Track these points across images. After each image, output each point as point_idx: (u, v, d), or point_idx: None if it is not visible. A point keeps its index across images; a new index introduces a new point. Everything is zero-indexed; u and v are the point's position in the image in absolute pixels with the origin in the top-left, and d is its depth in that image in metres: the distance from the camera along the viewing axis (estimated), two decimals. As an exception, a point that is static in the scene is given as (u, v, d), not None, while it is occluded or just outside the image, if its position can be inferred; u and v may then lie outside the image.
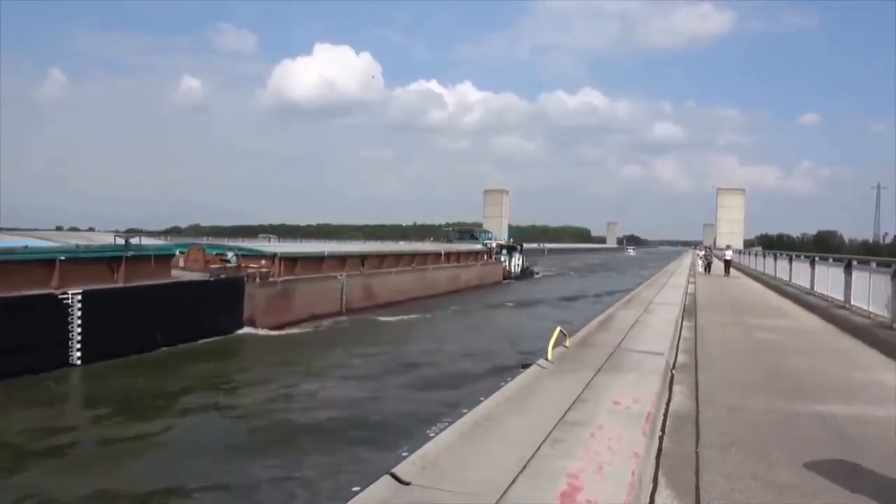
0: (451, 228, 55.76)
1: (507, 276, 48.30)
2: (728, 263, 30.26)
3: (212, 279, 19.08)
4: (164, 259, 18.02)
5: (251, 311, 19.54)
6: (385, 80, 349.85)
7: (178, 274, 18.86)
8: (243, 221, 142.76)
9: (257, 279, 20.42)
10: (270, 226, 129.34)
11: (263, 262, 21.77)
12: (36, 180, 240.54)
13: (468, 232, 54.33)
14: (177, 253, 20.39)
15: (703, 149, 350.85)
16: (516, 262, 51.58)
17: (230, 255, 22.04)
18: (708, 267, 32.13)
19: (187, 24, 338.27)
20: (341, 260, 26.39)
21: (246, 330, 19.22)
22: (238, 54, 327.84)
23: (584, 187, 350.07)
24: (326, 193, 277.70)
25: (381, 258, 30.18)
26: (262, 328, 19.51)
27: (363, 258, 28.50)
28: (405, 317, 24.77)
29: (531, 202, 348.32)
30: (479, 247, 46.93)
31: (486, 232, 55.47)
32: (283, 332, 19.63)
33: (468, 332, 22.49)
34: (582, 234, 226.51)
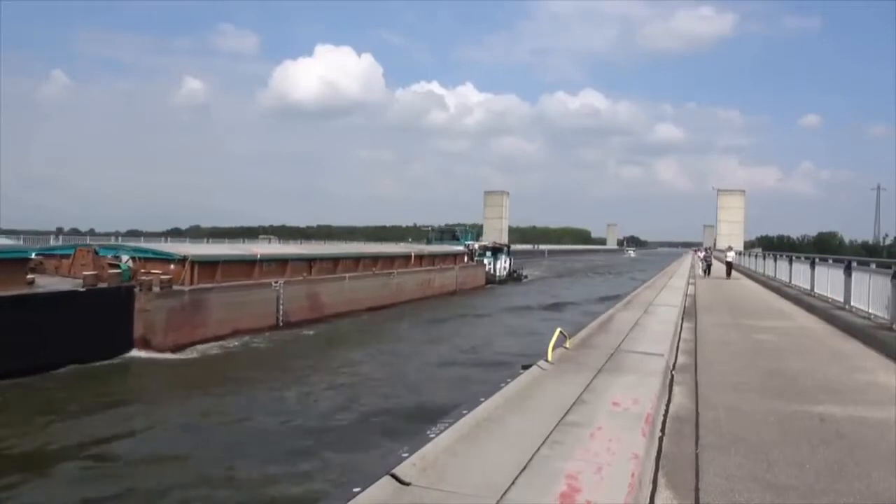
0: (430, 228, 51.54)
1: (492, 280, 44.74)
2: (730, 266, 29.18)
3: (84, 290, 15.51)
4: (14, 264, 14.85)
5: (144, 329, 16.18)
6: (386, 81, 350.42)
7: (47, 282, 15.99)
8: (244, 223, 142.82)
9: (155, 288, 16.90)
10: (271, 227, 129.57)
11: (172, 266, 18.54)
12: (37, 181, 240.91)
13: (449, 232, 49.75)
14: (33, 255, 17.65)
15: (703, 150, 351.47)
16: (502, 265, 48.18)
17: (124, 258, 18.35)
18: (708, 269, 30.66)
19: (188, 25, 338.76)
20: (280, 264, 22.91)
21: (134, 353, 15.97)
22: (239, 55, 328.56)
23: (585, 189, 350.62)
24: (327, 195, 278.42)
25: (335, 262, 26.59)
26: (161, 350, 16.26)
27: (311, 262, 24.92)
28: (353, 330, 21.98)
29: (532, 204, 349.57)
30: (459, 248, 42.82)
31: (469, 232, 51.17)
32: (179, 357, 16.43)
33: (412, 356, 18.32)
34: (582, 236, 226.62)
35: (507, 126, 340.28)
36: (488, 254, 46.96)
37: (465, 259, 42.23)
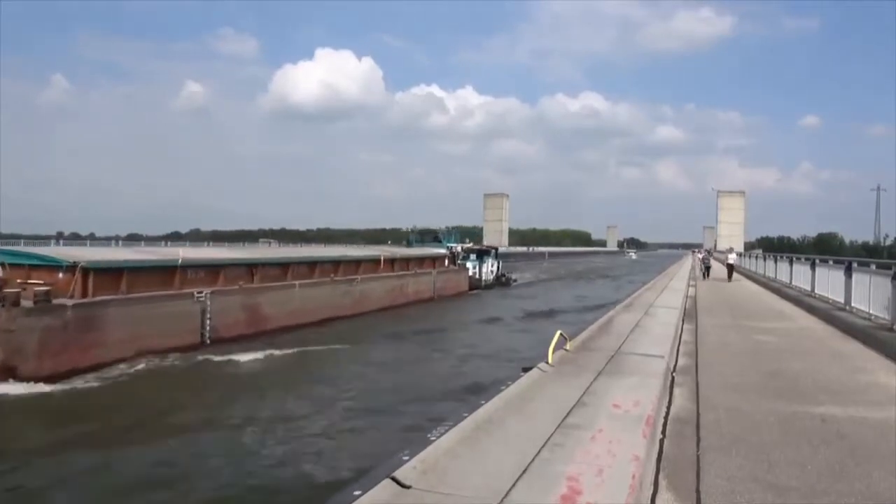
0: (410, 230, 48.00)
1: (476, 285, 41.58)
2: (731, 268, 27.79)
3: None
4: None
5: (6, 355, 13.47)
6: (386, 84, 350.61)
7: None
8: (244, 226, 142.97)
9: (25, 302, 13.93)
10: (271, 230, 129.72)
11: (61, 275, 15.62)
12: (38, 186, 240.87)
13: (431, 233, 46.21)
14: None
15: (703, 151, 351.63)
16: (489, 269, 45.03)
17: None
18: (707, 272, 29.05)
19: (189, 30, 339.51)
20: (211, 271, 19.87)
21: None
22: (239, 59, 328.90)
23: (585, 191, 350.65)
24: (328, 197, 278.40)
25: (283, 268, 23.45)
26: (33, 379, 13.51)
27: (252, 267, 21.79)
28: (288, 351, 18.25)
29: (532, 206, 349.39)
30: (439, 251, 39.49)
31: (452, 233, 47.70)
32: (49, 389, 13.58)
33: (348, 389, 14.94)
34: (582, 238, 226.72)
35: (508, 128, 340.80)
36: (472, 257, 44.11)
37: (447, 263, 38.92)
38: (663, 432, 4.72)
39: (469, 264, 42.35)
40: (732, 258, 28.66)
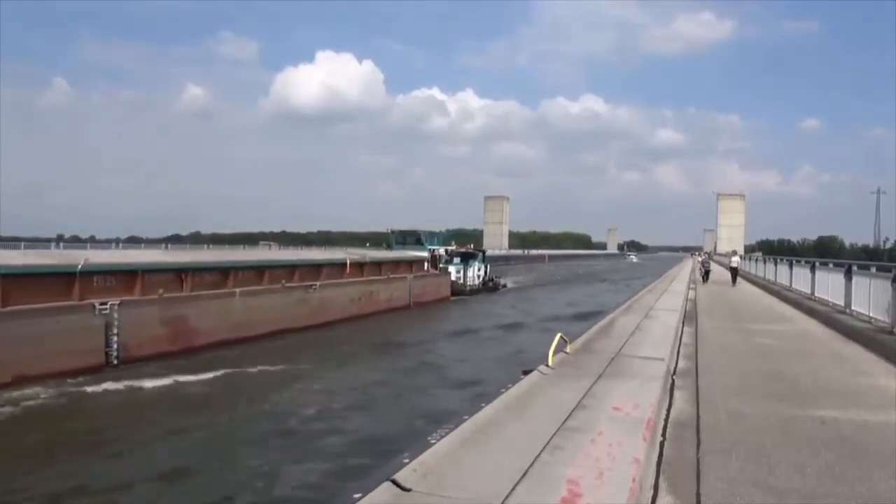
0: (390, 231, 44.03)
1: (460, 290, 38.47)
2: (735, 272, 26.23)
3: None
4: None
5: None
6: (387, 87, 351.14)
7: None
8: (245, 228, 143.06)
9: None
10: (271, 233, 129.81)
11: None
12: (38, 189, 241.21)
13: (413, 235, 42.58)
14: None
15: (703, 154, 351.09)
16: (475, 273, 42.26)
17: None
18: (706, 275, 27.58)
19: (189, 33, 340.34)
20: (125, 277, 16.87)
21: None
22: (240, 62, 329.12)
23: (585, 193, 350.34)
24: (328, 200, 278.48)
25: (223, 273, 20.17)
26: None
27: (182, 273, 18.51)
28: (208, 375, 14.93)
29: (532, 208, 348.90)
30: (419, 254, 36.73)
31: (436, 235, 44.10)
32: None
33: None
34: (582, 241, 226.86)
35: (508, 131, 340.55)
36: (457, 260, 40.90)
37: (427, 267, 35.85)
38: (663, 435, 4.72)
39: (452, 268, 39.45)
40: (736, 261, 27.27)
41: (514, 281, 55.49)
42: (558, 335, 6.83)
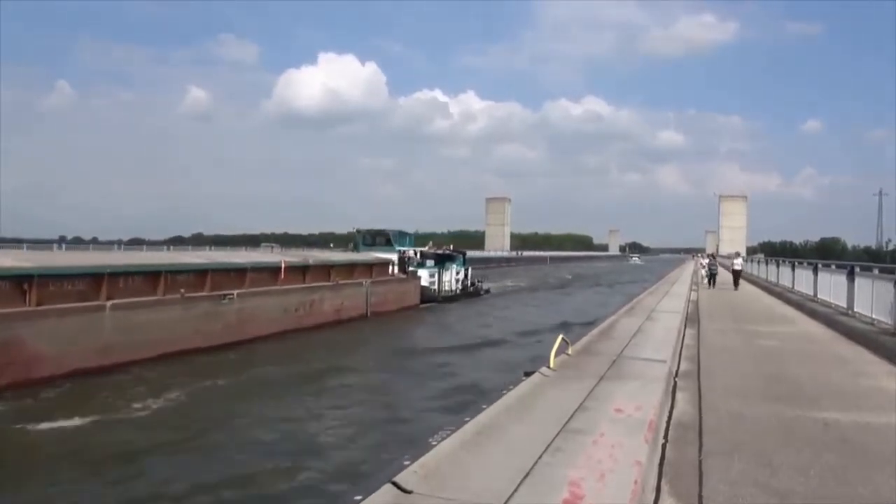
0: (357, 231, 39.61)
1: (432, 297, 34.23)
2: (738, 275, 24.90)
3: None
4: None
5: None
6: (389, 88, 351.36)
7: None
8: (247, 230, 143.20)
9: None
10: (273, 235, 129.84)
11: None
12: (40, 191, 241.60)
13: (382, 235, 37.93)
14: None
15: (705, 156, 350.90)
16: (452, 277, 38.16)
17: None
18: (712, 279, 25.94)
19: (190, 36, 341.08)
20: None
21: None
22: (242, 64, 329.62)
23: (587, 195, 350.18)
24: (330, 202, 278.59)
25: (95, 280, 15.76)
26: None
27: (26, 282, 14.25)
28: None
29: (534, 210, 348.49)
30: (384, 256, 32.68)
31: (407, 235, 39.80)
32: None
33: None
34: (584, 242, 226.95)
35: (510, 133, 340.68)
36: (430, 263, 36.44)
37: (392, 270, 31.87)
38: (665, 437, 4.71)
39: (424, 272, 34.94)
40: (739, 263, 26.02)
41: (504, 285, 50.80)
42: (560, 336, 6.83)
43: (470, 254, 48.40)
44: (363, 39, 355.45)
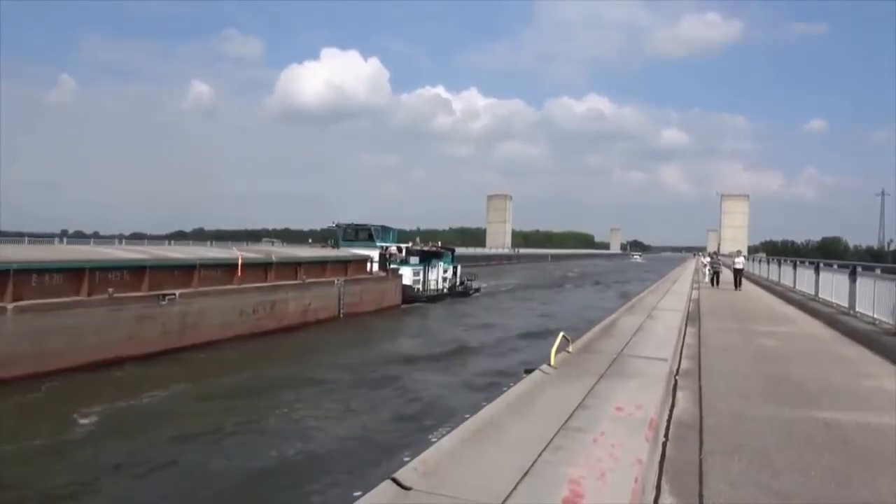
0: (336, 225, 36.80)
1: (415, 297, 32.71)
2: (739, 274, 24.20)
3: None
4: None
5: None
6: (392, 85, 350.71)
7: None
8: (248, 226, 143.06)
9: None
10: (274, 230, 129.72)
11: None
12: (42, 185, 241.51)
13: (364, 230, 35.59)
14: None
15: (708, 155, 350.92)
16: (439, 276, 36.37)
17: None
18: (715, 278, 25.47)
19: (194, 32, 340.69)
20: None
21: None
22: (245, 60, 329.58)
23: (589, 194, 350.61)
24: (332, 198, 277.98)
25: (2, 279, 13.72)
26: None
27: None
28: None
29: (536, 208, 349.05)
30: (364, 252, 30.71)
31: (391, 231, 37.41)
32: None
33: None
34: (585, 240, 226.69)
35: (512, 131, 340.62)
36: (414, 260, 34.60)
37: (371, 268, 29.85)
38: (666, 436, 4.70)
39: (407, 270, 33.25)
40: (740, 262, 25.25)
41: (498, 284, 49.73)
42: (560, 334, 6.81)
43: (470, 251, 47.51)
44: (366, 35, 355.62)
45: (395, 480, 3.03)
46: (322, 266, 26.06)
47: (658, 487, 3.68)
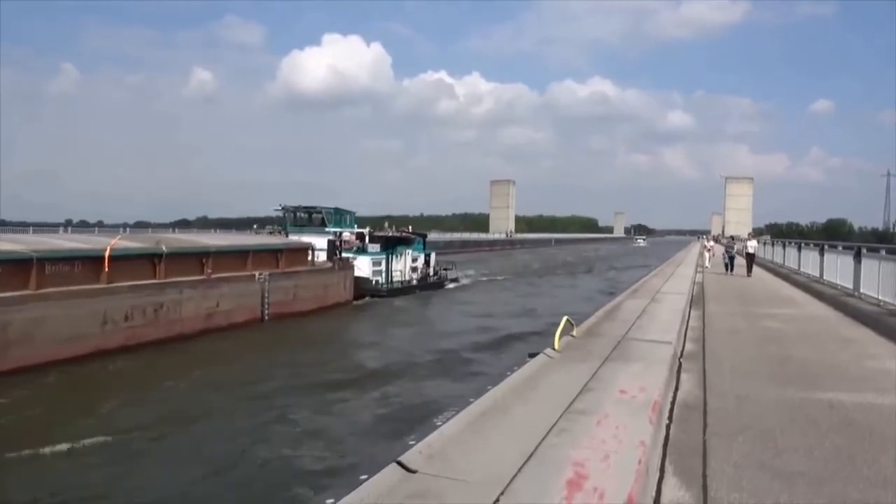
0: (283, 208, 32.73)
1: (373, 290, 28.73)
2: (751, 259, 22.47)
3: None
4: None
5: None
6: (395, 70, 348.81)
7: None
8: (251, 213, 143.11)
9: None
10: (277, 218, 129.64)
11: None
12: (45, 174, 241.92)
13: (317, 214, 32.10)
14: None
15: (712, 138, 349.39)
16: (407, 265, 32.53)
17: None
18: (730, 263, 23.34)
19: (194, 18, 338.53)
20: None
21: None
22: (246, 46, 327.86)
23: (593, 177, 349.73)
24: (335, 184, 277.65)
25: None
26: None
27: None
28: None
29: (539, 193, 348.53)
30: (307, 240, 26.85)
31: (345, 214, 33.44)
32: None
33: None
34: (589, 225, 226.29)
35: (515, 115, 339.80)
36: (374, 249, 30.75)
37: (313, 258, 25.91)
38: (670, 418, 4.71)
39: (364, 259, 29.15)
40: (753, 245, 23.34)
41: (483, 272, 45.99)
42: (564, 318, 6.82)
43: (470, 236, 44.53)
44: (368, 20, 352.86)
45: (400, 464, 3.06)
46: (242, 257, 21.61)
47: (662, 469, 3.70)
